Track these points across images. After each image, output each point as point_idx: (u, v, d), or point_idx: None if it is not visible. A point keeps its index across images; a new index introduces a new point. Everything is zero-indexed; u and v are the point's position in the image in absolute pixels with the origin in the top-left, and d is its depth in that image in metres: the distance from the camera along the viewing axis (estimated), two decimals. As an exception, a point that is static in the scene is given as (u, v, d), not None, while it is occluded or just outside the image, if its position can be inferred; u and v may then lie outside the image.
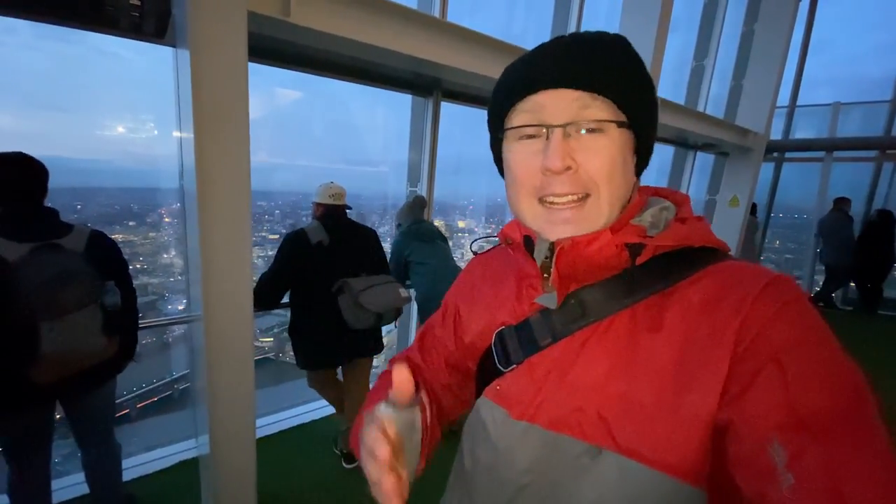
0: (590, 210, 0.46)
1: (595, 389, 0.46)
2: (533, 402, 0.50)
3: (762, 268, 0.46)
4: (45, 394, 1.42)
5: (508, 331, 0.55)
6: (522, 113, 0.47)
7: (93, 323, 1.38)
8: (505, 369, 0.54)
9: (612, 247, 0.47)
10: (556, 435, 0.48)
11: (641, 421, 0.43)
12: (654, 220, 0.51)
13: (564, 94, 0.45)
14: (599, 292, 0.49)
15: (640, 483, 0.43)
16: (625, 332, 0.46)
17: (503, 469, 0.51)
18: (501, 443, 0.52)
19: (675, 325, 0.44)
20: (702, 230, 0.50)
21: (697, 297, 0.45)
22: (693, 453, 0.41)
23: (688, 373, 0.42)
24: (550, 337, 0.50)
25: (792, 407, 0.35)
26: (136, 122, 2.73)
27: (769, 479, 0.34)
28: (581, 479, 0.46)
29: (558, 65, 0.45)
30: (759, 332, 0.40)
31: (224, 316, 1.46)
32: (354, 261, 2.06)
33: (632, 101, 0.46)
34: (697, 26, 5.28)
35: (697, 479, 0.42)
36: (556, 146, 0.44)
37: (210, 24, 1.27)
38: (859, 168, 6.33)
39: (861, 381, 0.37)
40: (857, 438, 0.34)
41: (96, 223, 5.27)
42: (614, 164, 0.45)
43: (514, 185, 0.49)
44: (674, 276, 0.47)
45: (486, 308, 0.61)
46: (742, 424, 0.37)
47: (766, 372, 0.38)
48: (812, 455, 0.33)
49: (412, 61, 2.04)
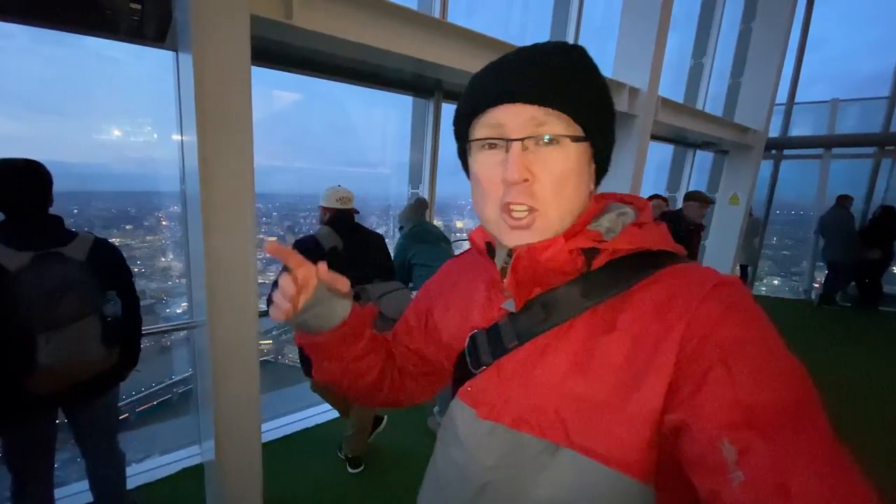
0: (540, 221, 0.49)
1: (554, 389, 0.48)
2: (498, 403, 0.52)
3: (711, 270, 0.48)
4: (46, 403, 1.41)
5: (480, 334, 0.58)
6: (483, 127, 0.50)
7: (92, 333, 1.37)
8: (476, 371, 0.57)
9: (565, 252, 0.49)
10: (518, 433, 0.50)
11: (594, 419, 0.45)
12: (611, 226, 0.53)
13: (521, 110, 0.47)
14: (561, 296, 0.51)
15: (592, 478, 0.45)
16: (583, 334, 0.49)
17: (470, 466, 0.54)
18: (469, 441, 0.54)
19: (627, 327, 0.46)
20: (658, 235, 0.52)
21: (650, 300, 0.47)
22: (640, 450, 0.43)
23: (636, 372, 0.44)
24: (516, 339, 0.53)
25: (740, 405, 0.37)
26: (133, 125, 2.72)
27: (721, 477, 0.35)
28: (539, 476, 0.48)
29: (516, 80, 0.47)
30: (707, 334, 0.41)
31: (229, 321, 1.45)
32: (368, 266, 2.03)
33: (586, 113, 0.48)
34: (695, 25, 5.29)
35: (645, 475, 0.44)
36: (514, 159, 0.47)
37: (213, 28, 1.26)
38: (858, 164, 6.35)
39: (804, 376, 0.39)
40: (800, 433, 0.35)
41: (93, 227, 5.25)
42: (567, 177, 0.48)
43: (480, 193, 0.52)
44: (631, 280, 0.49)
45: (459, 311, 0.64)
46: (694, 424, 0.39)
47: (715, 372, 0.39)
48: (759, 451, 0.34)
49: (413, 63, 2.03)
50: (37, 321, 1.28)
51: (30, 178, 1.39)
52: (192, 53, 1.24)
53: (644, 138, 3.01)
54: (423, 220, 2.61)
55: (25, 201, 1.37)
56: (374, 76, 2.51)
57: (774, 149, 6.31)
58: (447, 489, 0.58)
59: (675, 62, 5.41)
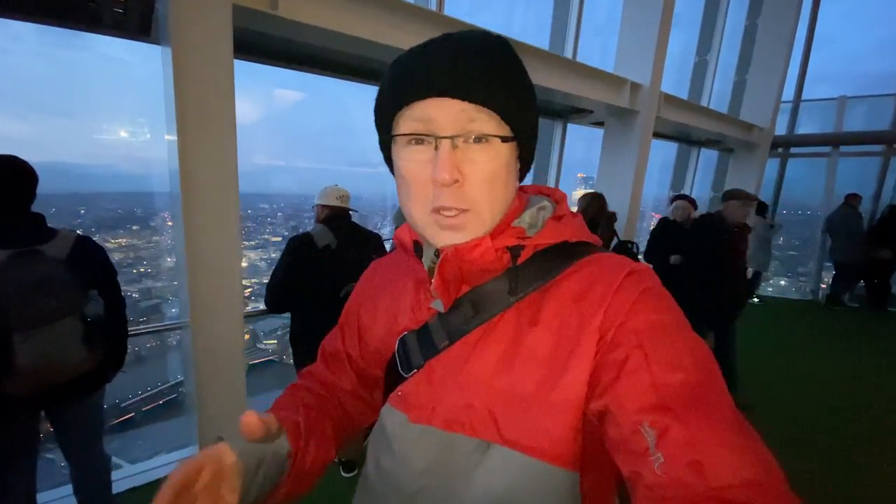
0: (471, 221, 0.47)
1: (484, 385, 0.48)
2: (429, 405, 0.51)
3: (624, 258, 0.50)
4: (26, 405, 1.37)
5: (410, 336, 0.56)
6: (411, 120, 0.47)
7: (72, 334, 1.33)
8: (407, 374, 0.55)
9: (492, 251, 0.49)
10: (450, 434, 0.49)
11: (521, 411, 0.46)
12: (532, 221, 0.53)
13: (452, 105, 0.45)
14: (489, 292, 0.51)
15: (522, 472, 0.46)
16: (511, 328, 0.49)
17: (401, 473, 0.52)
18: (399, 447, 0.53)
19: (550, 318, 0.47)
20: (575, 226, 0.53)
21: (569, 291, 0.48)
22: (566, 439, 0.45)
23: (559, 362, 0.45)
24: (447, 339, 0.52)
25: (656, 388, 0.39)
26: (139, 126, 2.71)
27: (643, 460, 0.37)
28: (472, 475, 0.48)
29: (447, 74, 0.45)
30: (623, 322, 0.43)
31: (211, 323, 1.41)
32: (362, 265, 1.99)
33: (515, 112, 0.47)
34: (700, 21, 5.21)
35: (571, 463, 0.45)
36: (444, 158, 0.45)
37: (193, 20, 1.21)
38: (866, 163, 6.24)
39: (709, 357, 0.42)
40: (709, 410, 0.37)
41: (100, 227, 5.23)
42: (497, 177, 0.47)
43: (406, 193, 0.49)
44: (552, 272, 0.50)
45: (386, 314, 0.61)
46: (616, 410, 0.40)
47: (633, 358, 0.41)
48: (674, 432, 0.36)
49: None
50: (14, 320, 1.25)
51: (8, 174, 1.35)
52: (171, 46, 1.20)
53: (646, 134, 2.95)
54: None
55: (4, 198, 1.34)
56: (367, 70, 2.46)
57: (781, 147, 6.22)
58: (379, 501, 0.56)
59: (679, 59, 5.34)
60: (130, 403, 4.97)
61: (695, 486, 0.34)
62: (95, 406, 1.58)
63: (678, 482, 0.35)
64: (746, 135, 4.54)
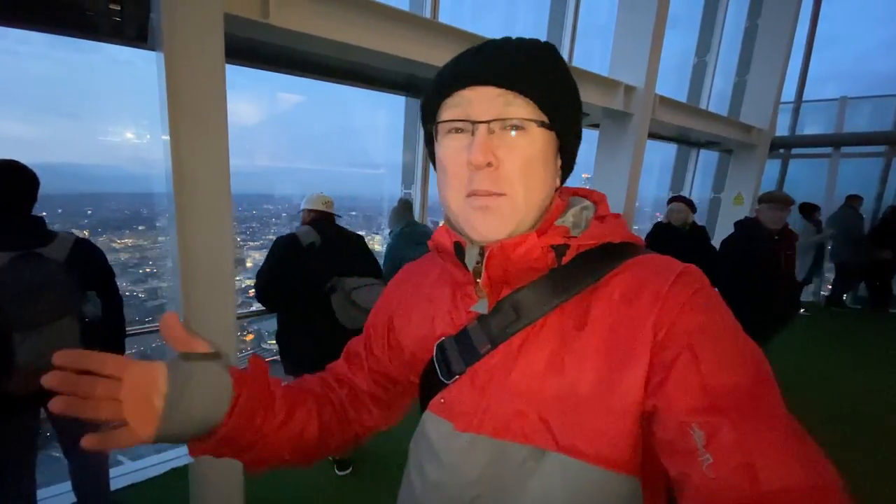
0: (505, 205, 0.47)
1: (533, 391, 0.47)
2: (476, 412, 0.50)
3: (673, 259, 0.49)
4: (25, 403, 1.41)
5: (449, 341, 0.54)
6: (451, 108, 0.49)
7: (70, 333, 1.37)
8: (448, 381, 0.53)
9: (538, 249, 0.48)
10: (502, 443, 0.48)
11: (577, 418, 0.45)
12: (576, 220, 0.53)
13: (489, 91, 0.46)
14: (531, 294, 0.50)
15: (581, 478, 0.44)
16: (556, 332, 0.48)
17: (451, 484, 0.51)
18: (448, 457, 0.51)
19: (599, 321, 0.46)
20: (619, 227, 0.52)
21: (618, 292, 0.47)
22: (626, 444, 0.44)
23: (615, 366, 0.44)
24: (489, 343, 0.50)
25: (706, 390, 0.38)
26: (145, 128, 2.76)
27: (691, 460, 0.36)
28: (527, 483, 0.46)
29: (485, 62, 0.47)
30: (674, 322, 0.42)
31: (204, 324, 1.44)
32: (346, 263, 2.06)
33: (553, 103, 0.48)
34: (699, 22, 5.20)
35: (632, 468, 0.44)
36: (479, 142, 0.46)
37: (185, 27, 1.25)
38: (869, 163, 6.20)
39: (762, 359, 0.41)
40: (761, 413, 0.37)
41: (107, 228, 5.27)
42: (532, 163, 0.47)
43: (445, 178, 0.50)
44: (597, 273, 0.49)
45: (422, 320, 0.59)
46: (665, 410, 0.40)
47: (682, 358, 0.40)
48: (725, 434, 0.35)
49: (400, 62, 2.01)
50: (13, 320, 1.28)
51: (9, 178, 1.39)
52: (164, 52, 1.23)
53: (640, 136, 2.96)
54: (413, 220, 2.61)
55: (5, 201, 1.38)
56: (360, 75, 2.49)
57: (782, 148, 6.19)
58: None
59: (679, 60, 5.34)
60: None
61: (745, 490, 0.33)
62: (94, 404, 1.62)
63: (728, 484, 0.34)
64: (745, 136, 4.54)
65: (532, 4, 4.28)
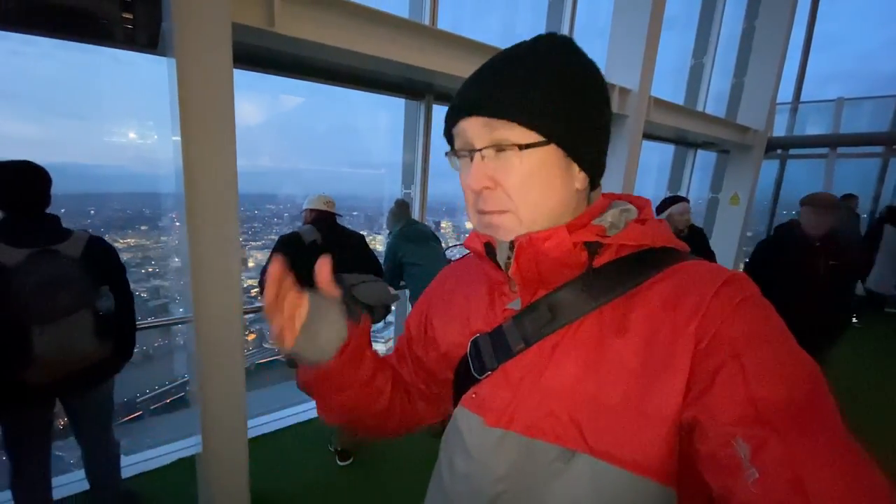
0: (508, 220, 0.50)
1: (566, 392, 0.47)
2: (508, 409, 0.51)
3: (719, 266, 0.48)
4: (42, 393, 1.48)
5: (483, 338, 0.56)
6: (456, 137, 0.53)
7: (84, 326, 1.44)
8: (480, 377, 0.55)
9: (568, 244, 0.48)
10: (531, 440, 0.48)
11: (611, 422, 0.44)
12: (615, 221, 0.53)
13: (477, 121, 0.49)
14: (567, 295, 0.50)
15: (611, 483, 0.44)
16: (593, 335, 0.48)
17: (479, 477, 0.52)
18: (477, 451, 0.52)
19: (639, 327, 0.45)
20: (662, 232, 0.52)
21: (659, 298, 0.46)
22: (660, 452, 0.42)
23: (652, 373, 0.43)
24: (523, 342, 0.51)
25: (752, 402, 0.36)
26: (148, 128, 2.82)
27: (735, 474, 0.35)
28: (554, 483, 0.46)
29: (471, 94, 0.50)
30: (718, 330, 0.41)
31: (213, 319, 1.51)
32: (346, 260, 2.12)
33: (546, 118, 0.47)
34: (696, 24, 5.25)
35: (666, 477, 0.43)
36: (472, 171, 0.50)
37: (195, 35, 1.32)
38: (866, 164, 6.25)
39: (816, 372, 0.39)
40: (814, 429, 0.35)
41: (110, 227, 5.29)
42: (529, 180, 0.48)
43: (465, 199, 0.55)
44: (637, 278, 0.48)
45: (459, 318, 0.61)
46: (707, 421, 0.38)
47: (727, 369, 0.39)
48: (773, 448, 0.34)
49: (400, 67, 2.07)
50: (32, 314, 1.35)
51: (28, 178, 1.47)
52: (175, 59, 1.30)
53: (635, 138, 3.02)
54: (412, 219, 2.67)
55: (23, 201, 1.45)
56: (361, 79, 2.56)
57: (779, 148, 6.24)
58: (456, 503, 0.55)
59: (676, 62, 5.39)
60: (140, 401, 5.07)
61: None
62: (106, 393, 1.69)
63: (775, 500, 0.33)
64: (742, 137, 4.59)
65: (529, 7, 4.35)
